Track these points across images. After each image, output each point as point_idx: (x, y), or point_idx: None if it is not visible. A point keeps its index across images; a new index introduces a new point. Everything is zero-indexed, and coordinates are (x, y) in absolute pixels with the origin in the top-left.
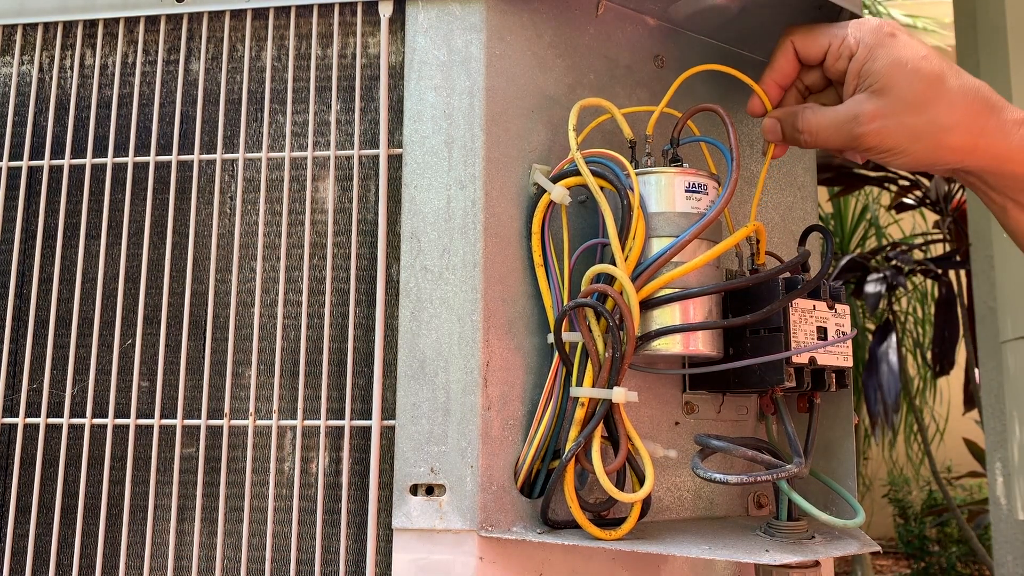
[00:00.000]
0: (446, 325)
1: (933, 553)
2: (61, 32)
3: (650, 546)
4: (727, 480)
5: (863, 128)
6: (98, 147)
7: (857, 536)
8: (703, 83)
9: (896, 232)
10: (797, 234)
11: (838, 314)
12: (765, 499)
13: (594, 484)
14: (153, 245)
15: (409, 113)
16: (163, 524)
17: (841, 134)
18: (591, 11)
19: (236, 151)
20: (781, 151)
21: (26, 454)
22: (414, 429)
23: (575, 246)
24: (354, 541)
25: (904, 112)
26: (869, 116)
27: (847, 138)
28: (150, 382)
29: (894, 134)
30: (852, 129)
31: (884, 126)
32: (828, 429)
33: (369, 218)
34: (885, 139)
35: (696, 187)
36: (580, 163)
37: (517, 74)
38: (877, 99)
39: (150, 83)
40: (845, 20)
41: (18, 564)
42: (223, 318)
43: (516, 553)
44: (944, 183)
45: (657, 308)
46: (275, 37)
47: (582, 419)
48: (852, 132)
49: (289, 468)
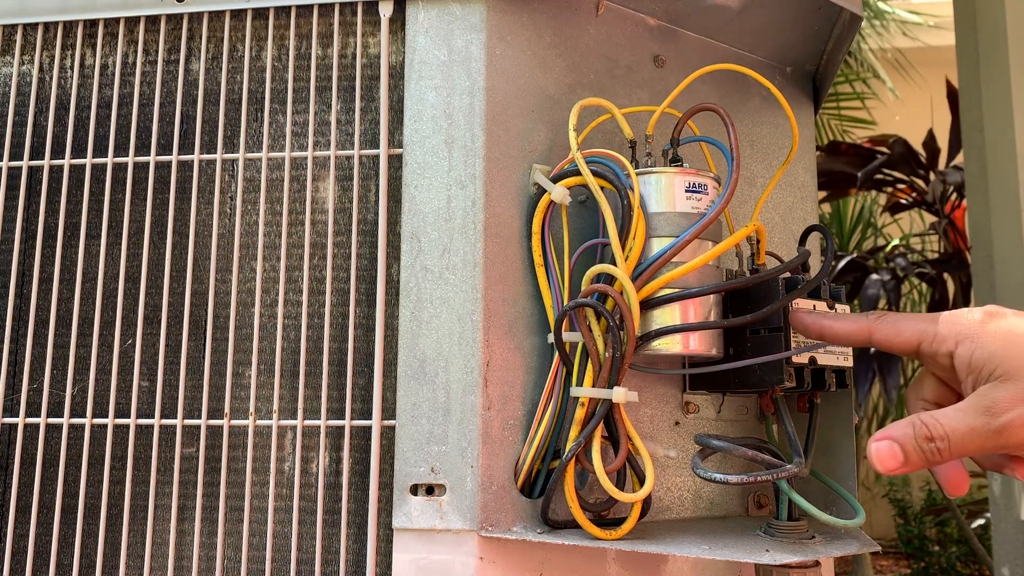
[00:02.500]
0: (446, 325)
1: (933, 553)
2: (61, 32)
3: (650, 546)
4: (727, 480)
5: (1002, 419)
6: (98, 147)
7: (857, 536)
8: (703, 83)
9: (895, 232)
10: (797, 234)
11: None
12: (765, 499)
13: (594, 484)
14: (153, 245)
15: (409, 113)
16: (163, 524)
17: (978, 435)
18: (591, 11)
19: (236, 151)
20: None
21: (26, 454)
22: (414, 429)
23: (575, 246)
24: (354, 541)
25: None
26: (1005, 403)
27: (986, 437)
28: (150, 382)
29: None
30: (989, 424)
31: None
32: (828, 429)
33: (369, 218)
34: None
35: (696, 187)
36: (580, 163)
37: (517, 74)
38: (1008, 384)
39: (150, 83)
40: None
41: (18, 564)
42: (223, 318)
43: (516, 553)
44: (941, 184)
45: (657, 308)
46: (275, 37)
47: (582, 419)
48: (990, 427)
49: (289, 468)
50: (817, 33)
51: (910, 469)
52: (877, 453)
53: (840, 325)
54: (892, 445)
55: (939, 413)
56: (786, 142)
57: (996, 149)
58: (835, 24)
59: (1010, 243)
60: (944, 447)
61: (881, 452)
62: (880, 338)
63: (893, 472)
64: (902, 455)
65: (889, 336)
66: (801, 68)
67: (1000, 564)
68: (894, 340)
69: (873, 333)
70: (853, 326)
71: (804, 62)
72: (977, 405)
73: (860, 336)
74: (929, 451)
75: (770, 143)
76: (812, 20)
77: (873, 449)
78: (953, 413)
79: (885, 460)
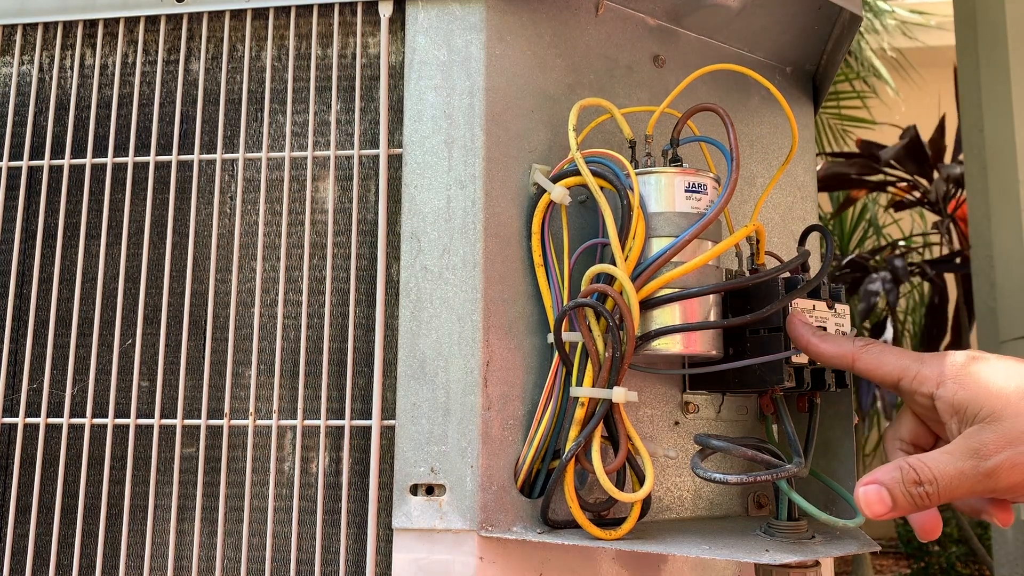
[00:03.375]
0: (446, 325)
1: (933, 553)
2: (61, 32)
3: (650, 546)
4: (727, 480)
5: (991, 462)
6: (98, 147)
7: (857, 536)
8: (703, 83)
9: (895, 232)
10: (797, 234)
11: (838, 314)
12: (765, 499)
13: (594, 484)
14: (153, 245)
15: (409, 113)
16: (163, 524)
17: (967, 478)
18: (591, 11)
19: (236, 151)
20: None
21: (26, 454)
22: (414, 429)
23: (575, 246)
24: (354, 541)
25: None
26: (994, 446)
27: (976, 480)
28: (150, 382)
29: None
30: (978, 467)
31: (1020, 452)
32: (828, 429)
33: (369, 218)
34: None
35: (696, 187)
36: (580, 163)
37: (517, 74)
38: (995, 426)
39: (150, 83)
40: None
41: (18, 564)
42: (223, 318)
43: (516, 553)
44: (944, 184)
45: (657, 308)
46: (275, 37)
47: (582, 419)
48: (979, 470)
49: (289, 468)
50: (817, 33)
51: (898, 514)
52: (865, 497)
53: (825, 346)
54: (880, 490)
55: (926, 457)
56: (786, 142)
57: (996, 149)
58: (835, 24)
59: (1010, 243)
60: (932, 491)
61: (869, 496)
62: (862, 367)
63: (881, 517)
64: (890, 500)
65: (871, 367)
66: (801, 68)
67: (1000, 564)
68: (875, 372)
69: (856, 361)
70: (838, 350)
71: (804, 62)
72: (965, 448)
73: (843, 362)
74: (917, 495)
75: (770, 143)
76: (812, 20)
77: (861, 493)
78: (941, 456)
79: (873, 505)
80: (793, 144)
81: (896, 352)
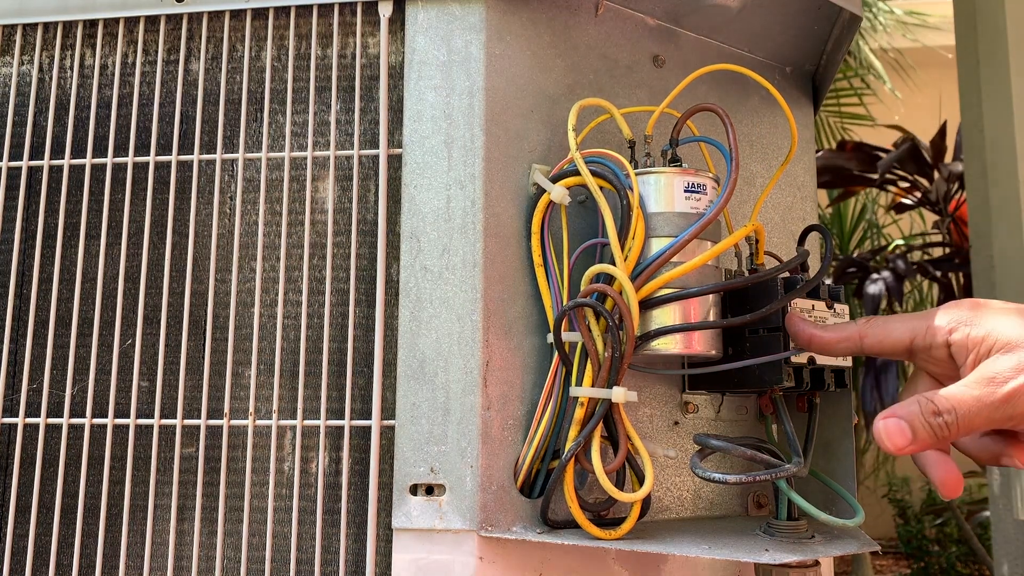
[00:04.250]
0: (446, 325)
1: (933, 553)
2: (61, 32)
3: (650, 546)
4: (726, 480)
5: (1008, 388)
6: (98, 147)
7: (857, 536)
8: (703, 83)
9: (895, 232)
10: (796, 234)
11: (837, 314)
12: (765, 499)
13: (594, 484)
14: (153, 245)
15: (409, 113)
16: (163, 524)
17: (984, 405)
18: (590, 11)
19: (236, 151)
20: (920, 447)
21: (26, 454)
22: (414, 429)
23: (575, 246)
24: (354, 541)
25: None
26: (1009, 372)
27: (993, 407)
28: (150, 382)
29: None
30: (995, 392)
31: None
32: (827, 429)
33: (369, 218)
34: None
35: (695, 187)
36: (579, 163)
37: (517, 74)
38: (1009, 355)
39: (150, 83)
40: (846, 28)
41: (18, 564)
42: (223, 318)
43: (516, 553)
44: (944, 183)
45: (656, 308)
46: (275, 37)
47: (581, 419)
48: (996, 395)
49: (289, 468)
50: (817, 33)
51: (919, 448)
52: (886, 430)
53: (829, 335)
54: (899, 423)
55: (944, 389)
56: (785, 142)
57: (996, 149)
58: (835, 24)
59: (1010, 243)
60: (951, 420)
61: (890, 428)
62: (871, 342)
63: (902, 451)
64: (910, 432)
65: (879, 338)
66: (801, 68)
67: (1000, 564)
68: (884, 341)
69: (863, 338)
70: (842, 335)
71: (804, 62)
72: (980, 377)
73: (850, 344)
74: (937, 425)
75: (769, 143)
76: (812, 20)
77: (881, 427)
78: (957, 387)
79: (894, 436)
80: (792, 144)
81: (899, 318)
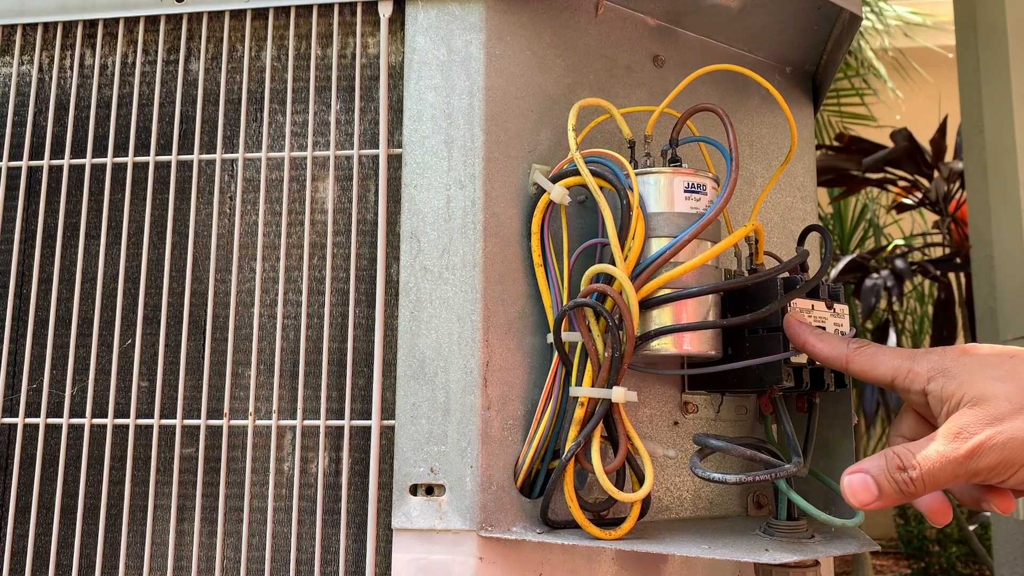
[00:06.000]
0: (446, 325)
1: (933, 553)
2: (61, 32)
3: (650, 546)
4: (726, 480)
5: (971, 443)
6: (98, 147)
7: (856, 535)
8: (703, 83)
9: (896, 232)
10: (796, 234)
11: (837, 314)
12: (764, 499)
13: (594, 484)
14: (153, 245)
15: (409, 113)
16: (163, 524)
17: (949, 461)
18: (591, 11)
19: (236, 151)
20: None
21: (26, 454)
22: (414, 429)
23: (575, 246)
24: (354, 541)
25: (1015, 411)
26: (974, 427)
27: (958, 463)
28: (150, 382)
29: (1016, 438)
30: (958, 448)
31: (1000, 433)
32: (827, 429)
33: (369, 218)
34: (1008, 450)
35: (695, 187)
36: (579, 163)
37: (517, 74)
38: (976, 409)
39: (150, 83)
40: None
41: (18, 564)
42: (223, 318)
43: (516, 553)
44: (944, 183)
45: (656, 308)
46: (275, 37)
47: (581, 419)
48: (960, 451)
49: (289, 468)
50: (817, 33)
51: (885, 503)
52: (850, 486)
53: (821, 346)
54: (865, 478)
55: (911, 444)
56: (785, 142)
57: (996, 149)
58: (835, 24)
59: (1010, 243)
60: (916, 476)
61: (854, 484)
62: (856, 368)
63: (867, 506)
64: (876, 488)
65: (865, 368)
66: (801, 68)
67: (1000, 564)
68: (869, 373)
69: (849, 363)
70: (832, 351)
71: (804, 62)
72: (947, 432)
73: (837, 362)
74: (902, 481)
75: (769, 143)
76: (812, 20)
77: (846, 483)
78: (924, 442)
79: (859, 493)
80: (792, 144)
81: (889, 352)
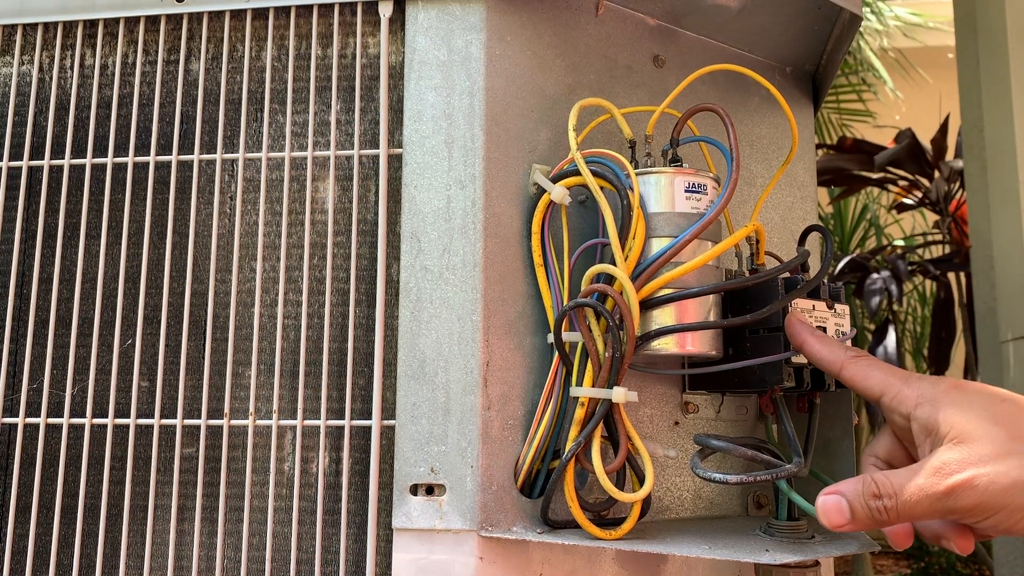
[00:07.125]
0: (446, 325)
1: (933, 553)
2: (61, 32)
3: (650, 546)
4: (726, 480)
5: (951, 481)
6: (98, 147)
7: (856, 536)
8: (703, 83)
9: (896, 232)
10: (797, 234)
11: (837, 314)
12: (765, 499)
13: (594, 484)
14: (153, 245)
15: (409, 113)
16: (163, 524)
17: (926, 495)
18: (591, 11)
19: (236, 151)
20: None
21: (26, 454)
22: (414, 429)
23: (575, 246)
24: (354, 541)
25: (999, 455)
26: (955, 465)
27: (935, 498)
28: (150, 382)
29: (997, 483)
30: (937, 484)
31: (982, 475)
32: (828, 429)
33: (369, 218)
34: (989, 494)
35: (696, 187)
36: (580, 163)
37: (517, 74)
38: (960, 448)
39: (150, 83)
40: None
41: (18, 564)
42: (223, 318)
43: (516, 553)
44: (945, 183)
45: (657, 308)
46: (275, 37)
47: (582, 419)
48: (938, 488)
49: (289, 468)
50: (817, 33)
51: (857, 528)
52: (823, 508)
53: (818, 348)
54: (840, 500)
55: (891, 472)
56: (786, 142)
57: (996, 149)
58: (835, 24)
59: (1010, 243)
60: (891, 505)
61: (827, 507)
62: (848, 377)
63: (839, 528)
64: (848, 512)
65: (856, 378)
66: (801, 68)
67: (1000, 564)
68: (859, 384)
69: (843, 370)
70: (829, 356)
71: (804, 62)
72: (928, 467)
73: (832, 367)
74: (876, 509)
75: (770, 143)
76: (812, 20)
77: (820, 503)
78: (904, 472)
79: (831, 515)
80: (793, 144)
81: (883, 368)
